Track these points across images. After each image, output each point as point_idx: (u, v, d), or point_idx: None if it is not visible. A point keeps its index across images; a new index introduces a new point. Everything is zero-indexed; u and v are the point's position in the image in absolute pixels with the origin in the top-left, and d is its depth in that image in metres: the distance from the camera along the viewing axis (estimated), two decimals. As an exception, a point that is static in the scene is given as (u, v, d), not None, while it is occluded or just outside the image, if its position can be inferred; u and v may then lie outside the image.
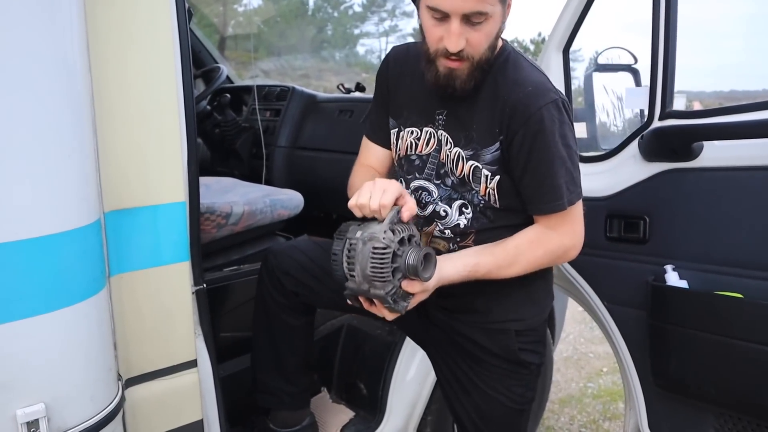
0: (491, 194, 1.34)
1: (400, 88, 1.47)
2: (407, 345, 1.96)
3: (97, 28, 1.15)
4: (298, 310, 1.69)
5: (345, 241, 1.22)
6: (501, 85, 1.31)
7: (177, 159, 1.31)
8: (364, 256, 1.17)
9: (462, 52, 1.23)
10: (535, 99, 1.27)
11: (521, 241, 1.35)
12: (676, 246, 1.68)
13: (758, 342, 1.49)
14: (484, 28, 1.22)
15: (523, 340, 1.45)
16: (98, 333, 1.14)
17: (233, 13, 8.69)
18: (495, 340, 1.45)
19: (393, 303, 1.21)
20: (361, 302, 1.28)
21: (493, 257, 1.33)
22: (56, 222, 1.04)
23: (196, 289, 1.40)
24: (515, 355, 1.44)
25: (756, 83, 18.78)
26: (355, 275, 1.20)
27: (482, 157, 1.33)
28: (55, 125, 1.03)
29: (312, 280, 1.63)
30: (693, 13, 1.98)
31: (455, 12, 1.19)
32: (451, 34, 1.21)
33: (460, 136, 1.36)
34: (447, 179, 1.39)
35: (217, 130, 2.92)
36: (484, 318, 1.45)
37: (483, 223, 1.38)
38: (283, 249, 1.69)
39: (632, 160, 1.77)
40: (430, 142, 1.41)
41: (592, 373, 3.53)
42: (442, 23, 1.22)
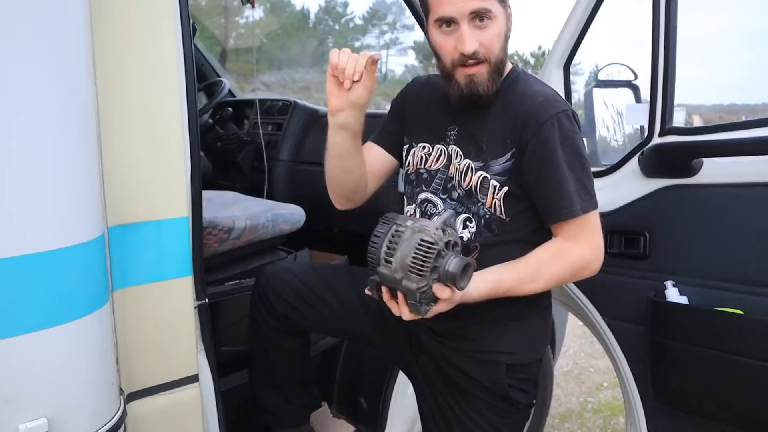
0: (497, 206, 1.35)
1: (415, 111, 1.52)
2: (408, 359, 1.96)
3: (103, 43, 1.17)
4: (290, 333, 1.66)
5: (392, 225, 1.21)
6: (511, 99, 1.36)
7: (180, 174, 1.32)
8: (409, 245, 1.16)
9: (477, 53, 1.29)
10: (546, 109, 1.31)
11: (542, 255, 1.33)
12: (676, 262, 1.68)
13: (759, 358, 1.49)
14: (491, 28, 1.28)
15: (514, 376, 1.41)
16: (101, 347, 1.15)
17: (235, 25, 8.73)
18: (485, 371, 1.41)
19: (418, 302, 1.18)
20: (383, 293, 1.25)
21: (515, 273, 1.31)
22: (61, 237, 1.04)
23: (199, 303, 1.40)
24: (504, 389, 1.40)
25: (756, 97, 18.91)
26: (393, 261, 1.17)
27: (492, 167, 1.35)
28: (60, 140, 1.04)
29: (304, 305, 1.61)
30: (693, 26, 2.01)
31: (461, 14, 1.25)
32: (463, 35, 1.27)
33: (471, 149, 1.38)
34: (453, 192, 1.40)
35: (219, 144, 2.93)
36: (475, 346, 1.42)
37: (487, 237, 1.37)
38: (275, 272, 1.67)
39: (632, 176, 1.78)
40: (440, 158, 1.43)
41: (593, 387, 3.52)
42: (452, 33, 1.29)
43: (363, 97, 1.30)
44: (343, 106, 1.31)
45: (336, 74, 1.28)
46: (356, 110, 1.32)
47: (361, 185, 1.50)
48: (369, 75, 1.28)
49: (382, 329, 1.60)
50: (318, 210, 2.40)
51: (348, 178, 1.46)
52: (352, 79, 1.27)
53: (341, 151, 1.39)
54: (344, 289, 1.62)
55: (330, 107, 1.33)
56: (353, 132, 1.37)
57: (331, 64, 1.28)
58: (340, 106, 1.31)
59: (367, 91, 1.30)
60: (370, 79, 1.28)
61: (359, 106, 1.32)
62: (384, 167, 1.56)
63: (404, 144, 1.53)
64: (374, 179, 1.54)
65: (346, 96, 1.30)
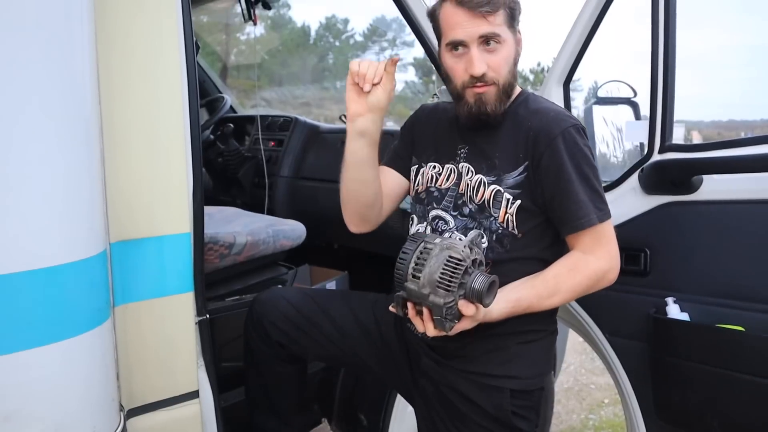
0: (510, 220, 1.36)
1: (425, 133, 1.55)
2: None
3: (106, 60, 1.18)
4: (285, 359, 1.65)
5: (420, 243, 1.24)
6: (522, 116, 1.40)
7: (183, 190, 1.33)
8: (438, 261, 1.19)
9: (485, 76, 1.33)
10: (558, 123, 1.35)
11: (559, 270, 1.35)
12: (677, 278, 1.68)
13: (760, 375, 1.49)
14: (500, 52, 1.34)
15: (518, 404, 1.39)
16: (101, 363, 1.15)
17: (236, 41, 8.79)
18: (488, 396, 1.39)
19: (443, 317, 1.20)
20: (408, 309, 1.26)
21: (534, 290, 1.32)
22: (63, 253, 1.04)
23: (200, 319, 1.40)
24: (507, 416, 1.38)
25: (754, 113, 19.02)
26: (421, 277, 1.20)
27: (505, 181, 1.37)
28: (64, 156, 1.04)
29: (298, 332, 1.60)
30: (692, 44, 2.03)
31: (471, 38, 1.31)
32: (473, 58, 1.32)
33: (483, 165, 1.40)
34: (464, 208, 1.41)
35: (220, 160, 2.94)
36: (479, 368, 1.41)
37: (499, 253, 1.37)
38: (269, 298, 1.65)
39: (632, 193, 1.79)
40: (450, 177, 1.46)
41: (594, 404, 3.50)
42: (463, 56, 1.34)
43: (382, 99, 1.35)
44: (363, 110, 1.35)
45: (357, 80, 1.33)
46: (375, 114, 1.36)
47: (377, 201, 1.50)
48: (388, 77, 1.34)
49: (382, 354, 1.59)
50: (318, 226, 2.41)
51: (365, 192, 1.46)
52: (372, 82, 1.32)
53: (359, 160, 1.41)
54: (340, 315, 1.61)
55: (349, 113, 1.37)
56: (372, 139, 1.39)
57: (351, 71, 1.33)
58: (360, 110, 1.35)
59: (387, 94, 1.35)
60: (390, 81, 1.34)
61: (379, 109, 1.36)
62: (398, 189, 1.57)
63: (413, 165, 1.55)
64: (389, 201, 1.55)
65: (366, 100, 1.34)
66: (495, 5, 1.30)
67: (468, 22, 1.30)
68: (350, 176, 1.44)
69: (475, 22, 1.30)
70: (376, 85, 1.33)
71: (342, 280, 2.45)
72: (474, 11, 1.29)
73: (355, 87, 1.34)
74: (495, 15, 1.30)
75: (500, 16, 1.31)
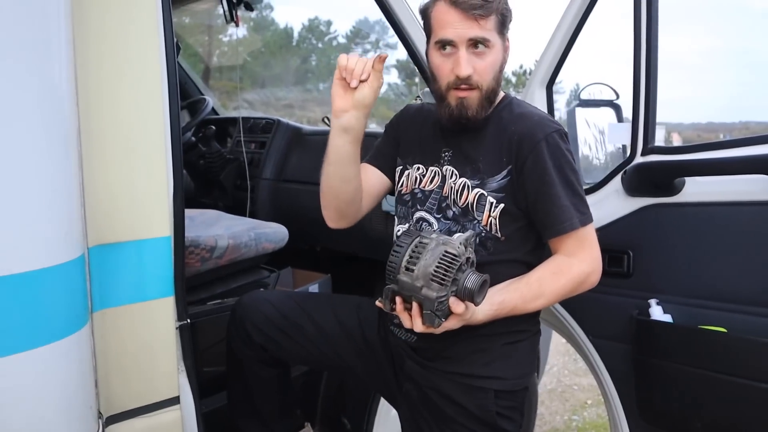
0: (493, 223, 1.37)
1: (409, 133, 1.55)
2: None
3: (85, 61, 1.15)
4: (268, 363, 1.63)
5: (415, 237, 1.25)
6: (506, 120, 1.41)
7: (163, 193, 1.31)
8: (434, 255, 1.20)
9: (471, 79, 1.33)
10: (541, 128, 1.36)
11: (543, 273, 1.36)
12: (659, 280, 1.69)
13: (742, 376, 1.50)
14: (487, 57, 1.34)
15: (502, 404, 1.40)
16: (79, 370, 1.12)
17: (218, 43, 8.74)
18: (472, 398, 1.39)
19: (434, 312, 1.21)
20: (396, 304, 1.26)
21: (518, 293, 1.33)
22: (40, 258, 1.02)
23: (180, 324, 1.38)
24: (492, 417, 1.38)
25: (733, 116, 19.37)
26: (415, 270, 1.20)
27: (488, 185, 1.37)
28: (40, 158, 1.02)
29: (281, 335, 1.58)
30: (673, 47, 2.07)
31: (461, 39, 1.31)
32: (460, 59, 1.32)
33: (467, 168, 1.41)
34: (448, 211, 1.42)
35: (202, 162, 2.91)
36: (463, 369, 1.41)
37: (482, 255, 1.37)
38: (252, 301, 1.63)
39: (615, 195, 1.79)
40: (434, 179, 1.46)
41: (577, 405, 3.51)
42: (450, 56, 1.33)
43: (368, 96, 1.34)
44: (348, 106, 1.34)
45: (344, 75, 1.32)
46: (360, 111, 1.35)
47: (357, 198, 1.49)
48: (375, 74, 1.33)
49: (365, 357, 1.58)
50: (301, 228, 2.39)
51: (345, 189, 1.45)
52: (359, 78, 1.31)
53: (342, 156, 1.39)
54: (324, 318, 1.60)
55: (334, 109, 1.36)
56: (355, 136, 1.38)
57: (339, 66, 1.32)
58: (345, 106, 1.34)
59: (373, 92, 1.34)
60: (377, 79, 1.33)
61: (364, 106, 1.35)
62: (379, 187, 1.57)
63: (398, 165, 1.55)
64: (369, 198, 1.54)
65: (352, 96, 1.33)
66: (488, 10, 1.30)
67: (460, 23, 1.30)
68: (331, 172, 1.43)
69: (467, 24, 1.30)
70: (363, 82, 1.32)
71: (325, 282, 2.44)
72: (467, 13, 1.29)
73: (341, 82, 1.33)
74: (487, 19, 1.30)
75: (492, 21, 1.32)
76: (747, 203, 1.56)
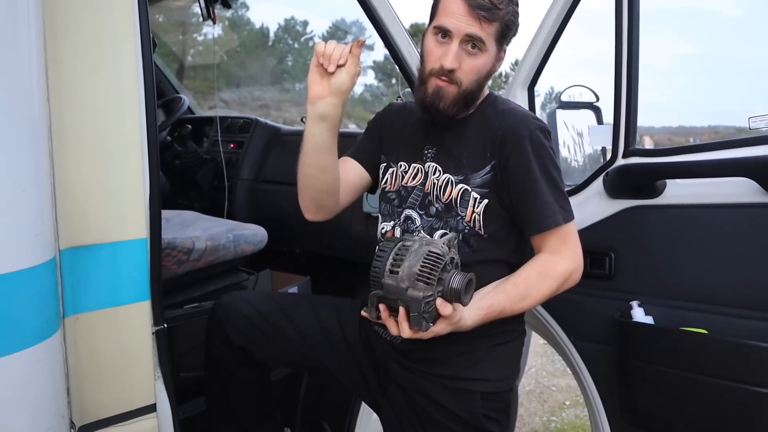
0: (477, 219, 1.37)
1: (393, 131, 1.56)
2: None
3: (57, 56, 1.11)
4: (248, 364, 1.59)
5: (398, 242, 1.25)
6: (490, 116, 1.41)
7: (139, 193, 1.27)
8: (418, 255, 1.19)
9: (453, 74, 1.33)
10: (525, 125, 1.37)
11: (529, 273, 1.35)
12: (641, 282, 1.69)
13: (723, 377, 1.51)
14: (478, 59, 1.34)
15: (488, 406, 1.39)
16: (50, 379, 1.08)
17: (193, 41, 8.64)
18: (458, 400, 1.39)
19: (421, 314, 1.18)
20: (381, 312, 1.24)
21: (505, 294, 1.33)
22: (7, 261, 0.98)
23: (157, 329, 1.34)
24: (479, 420, 1.38)
25: (702, 120, 19.74)
26: (399, 271, 1.19)
27: (472, 180, 1.38)
28: (7, 157, 0.98)
29: (260, 336, 1.55)
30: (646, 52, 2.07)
31: (458, 32, 1.31)
32: (450, 51, 1.32)
33: (450, 164, 1.41)
34: (431, 208, 1.42)
35: (178, 162, 2.86)
36: (449, 372, 1.39)
37: (465, 253, 1.36)
38: (231, 302, 1.59)
39: (597, 197, 1.79)
40: (416, 176, 1.46)
41: (555, 406, 3.52)
42: (443, 45, 1.34)
43: (345, 82, 1.32)
44: (325, 92, 1.32)
45: (321, 61, 1.30)
46: (337, 98, 1.33)
47: (335, 189, 1.46)
48: (353, 60, 1.31)
49: (345, 361, 1.56)
50: (280, 230, 2.36)
51: (322, 178, 1.42)
52: (337, 63, 1.30)
53: (318, 144, 1.36)
54: (304, 319, 1.57)
55: (310, 95, 1.33)
56: (332, 123, 1.35)
57: (317, 52, 1.31)
58: (321, 92, 1.32)
59: (350, 78, 1.32)
60: (354, 65, 1.32)
61: (341, 92, 1.33)
62: (358, 181, 1.55)
63: (382, 163, 1.54)
64: (347, 192, 1.52)
65: (329, 82, 1.31)
66: (494, 15, 1.30)
67: (462, 17, 1.30)
68: (308, 161, 1.40)
69: (469, 19, 1.30)
70: (340, 67, 1.30)
71: (304, 285, 2.40)
72: (473, 10, 1.29)
73: (319, 68, 1.31)
74: (490, 24, 1.31)
75: (494, 28, 1.32)
76: (727, 205, 1.57)
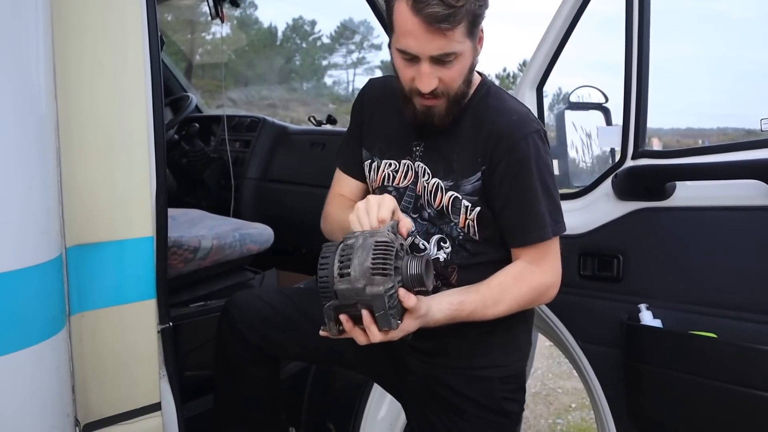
0: (470, 226, 1.32)
1: (375, 119, 1.45)
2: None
3: (65, 55, 1.11)
4: (261, 363, 1.57)
5: (339, 244, 1.12)
6: (483, 115, 1.31)
7: (145, 192, 1.27)
8: (365, 249, 1.07)
9: (436, 91, 1.23)
10: (520, 127, 1.28)
11: (505, 278, 1.30)
12: (650, 285, 1.68)
13: (731, 382, 1.49)
14: (454, 66, 1.21)
15: (506, 388, 1.40)
16: (55, 376, 1.08)
17: (201, 40, 8.66)
18: (477, 387, 1.39)
19: (387, 311, 1.07)
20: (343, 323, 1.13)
21: (478, 295, 1.27)
22: (14, 258, 0.98)
23: (162, 327, 1.33)
24: (498, 403, 1.39)
25: (711, 122, 19.66)
26: (351, 272, 1.07)
27: (462, 187, 1.31)
28: (15, 155, 0.98)
29: (277, 333, 1.53)
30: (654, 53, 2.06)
31: (424, 54, 1.18)
32: (422, 75, 1.20)
33: (439, 167, 1.34)
34: (424, 212, 1.37)
35: (185, 160, 2.86)
36: (465, 363, 1.40)
37: (463, 256, 1.34)
38: (245, 300, 1.57)
39: (605, 199, 1.78)
40: (407, 174, 1.38)
41: (561, 409, 3.51)
42: (412, 64, 1.21)
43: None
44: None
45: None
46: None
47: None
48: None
49: (363, 353, 1.54)
50: (286, 229, 2.36)
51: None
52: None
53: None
54: (318, 312, 1.56)
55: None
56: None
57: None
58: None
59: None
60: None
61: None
62: (363, 195, 1.49)
63: (365, 159, 1.46)
64: None
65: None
66: (456, 19, 1.13)
67: (423, 36, 1.14)
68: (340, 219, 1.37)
69: (431, 37, 1.15)
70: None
71: (313, 286, 2.39)
72: (432, 26, 1.12)
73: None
74: (454, 30, 1.15)
75: (460, 29, 1.16)
76: (738, 208, 1.55)
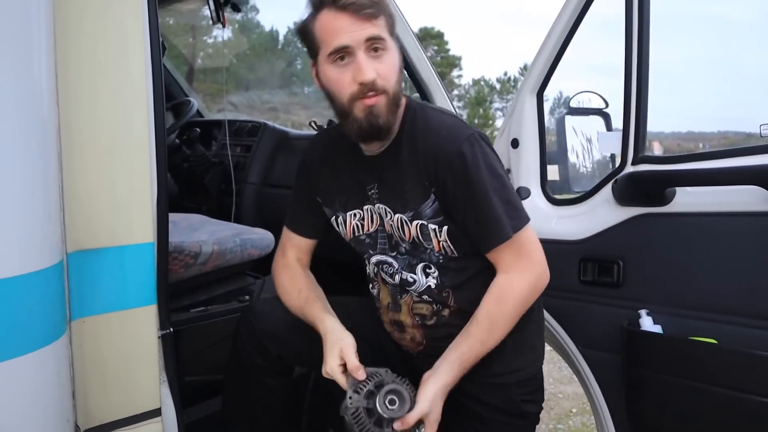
0: (445, 246, 1.35)
1: (326, 178, 1.50)
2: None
3: (66, 59, 1.12)
4: (278, 372, 1.58)
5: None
6: (415, 138, 1.35)
7: (146, 197, 1.27)
8: (349, 425, 1.24)
9: (376, 84, 1.26)
10: (451, 141, 1.31)
11: (487, 305, 1.34)
12: (650, 290, 1.68)
13: (732, 388, 1.49)
14: (386, 59, 1.28)
15: (524, 391, 1.44)
16: (56, 382, 1.08)
17: (203, 44, 8.68)
18: (497, 394, 1.42)
19: None
20: None
21: (472, 338, 1.32)
22: (15, 264, 0.98)
23: (163, 333, 1.34)
24: (518, 407, 1.42)
25: (711, 125, 19.71)
26: None
27: (423, 213, 1.35)
28: (16, 160, 0.98)
29: (298, 342, 1.51)
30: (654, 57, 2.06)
31: (357, 42, 1.24)
32: (361, 64, 1.25)
33: (396, 203, 1.37)
34: (400, 247, 1.41)
35: (186, 165, 2.86)
36: (484, 371, 1.39)
37: (451, 276, 1.38)
38: (266, 309, 1.57)
39: (605, 204, 1.78)
40: (373, 219, 1.44)
41: (562, 414, 3.50)
42: (349, 65, 1.27)
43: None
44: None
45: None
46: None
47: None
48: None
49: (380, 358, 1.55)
50: (287, 234, 2.35)
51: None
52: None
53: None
54: (340, 318, 1.56)
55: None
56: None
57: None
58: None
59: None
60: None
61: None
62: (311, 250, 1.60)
63: (330, 216, 1.51)
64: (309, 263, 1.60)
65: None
66: (378, 9, 1.26)
67: (353, 26, 1.24)
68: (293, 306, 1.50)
69: (361, 25, 1.24)
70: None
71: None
72: (358, 14, 1.24)
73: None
74: (378, 18, 1.26)
75: (382, 21, 1.28)
76: (738, 214, 1.55)
